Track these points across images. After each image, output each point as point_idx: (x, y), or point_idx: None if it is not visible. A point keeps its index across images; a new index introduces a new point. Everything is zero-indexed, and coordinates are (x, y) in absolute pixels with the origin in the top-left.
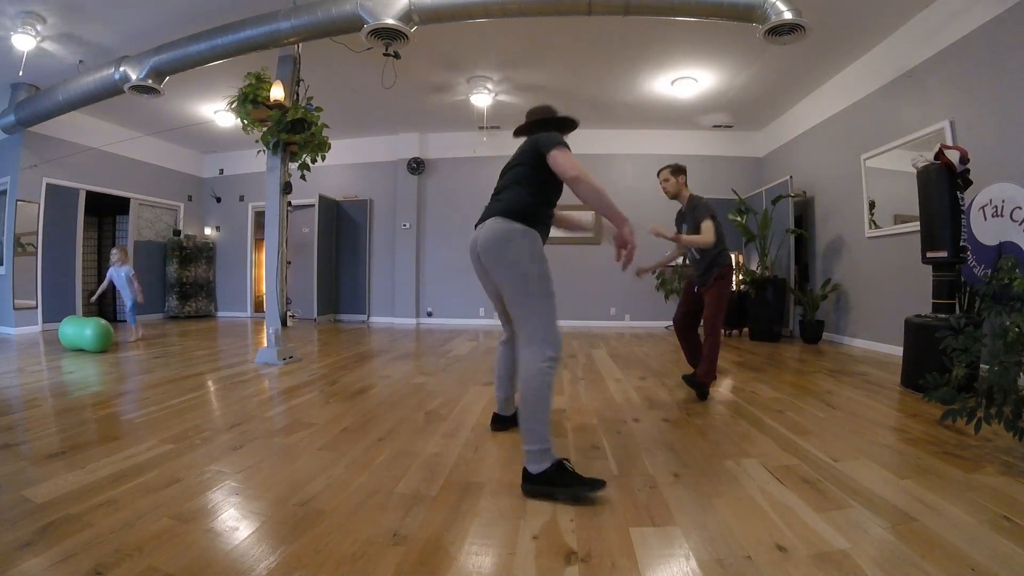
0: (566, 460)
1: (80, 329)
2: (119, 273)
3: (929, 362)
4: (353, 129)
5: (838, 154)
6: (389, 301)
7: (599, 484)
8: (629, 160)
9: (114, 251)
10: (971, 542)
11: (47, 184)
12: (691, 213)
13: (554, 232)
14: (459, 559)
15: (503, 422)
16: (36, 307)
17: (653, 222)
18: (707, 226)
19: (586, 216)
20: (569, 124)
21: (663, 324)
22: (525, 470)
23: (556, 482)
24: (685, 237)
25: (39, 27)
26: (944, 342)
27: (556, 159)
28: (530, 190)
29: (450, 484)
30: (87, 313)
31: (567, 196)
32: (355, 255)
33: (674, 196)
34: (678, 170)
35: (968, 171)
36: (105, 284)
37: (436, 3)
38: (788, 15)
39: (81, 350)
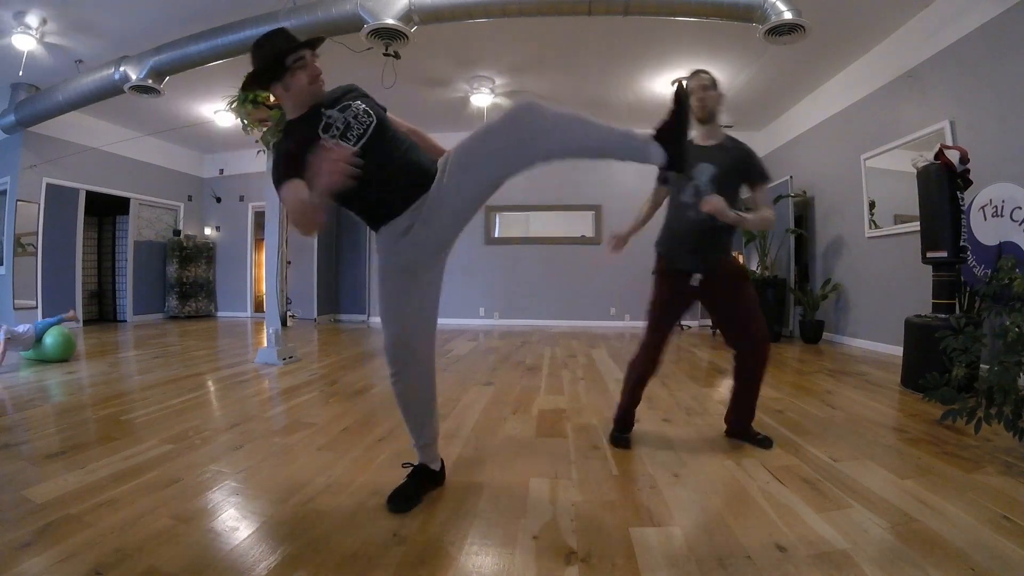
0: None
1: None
2: None
3: (929, 362)
4: None
5: (838, 154)
6: None
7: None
8: None
9: None
10: (971, 542)
11: (47, 184)
12: (728, 156)
13: (555, 232)
14: (459, 559)
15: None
16: (36, 307)
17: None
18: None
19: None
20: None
21: None
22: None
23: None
24: (751, 217)
25: (39, 27)
26: (944, 342)
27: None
28: None
29: (450, 484)
30: (87, 314)
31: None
32: (355, 255)
33: (708, 119)
34: (716, 83)
35: (968, 171)
36: None
37: (436, 3)
38: (788, 15)
39: (41, 360)
